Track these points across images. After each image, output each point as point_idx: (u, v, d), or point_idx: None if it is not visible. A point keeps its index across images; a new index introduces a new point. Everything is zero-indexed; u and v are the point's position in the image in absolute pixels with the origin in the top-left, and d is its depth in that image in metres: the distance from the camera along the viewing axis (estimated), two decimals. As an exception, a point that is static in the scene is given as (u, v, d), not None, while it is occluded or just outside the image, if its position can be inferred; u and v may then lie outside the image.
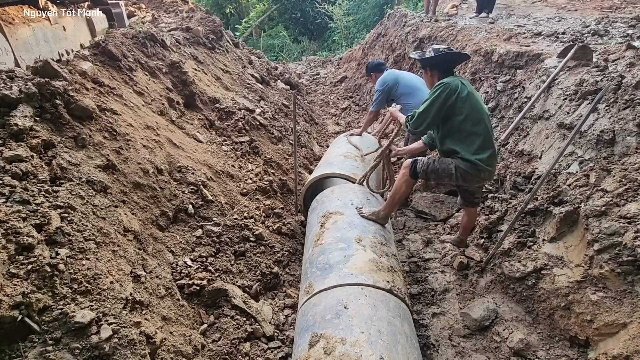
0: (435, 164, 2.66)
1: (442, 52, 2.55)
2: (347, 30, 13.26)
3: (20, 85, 2.20)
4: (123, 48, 3.58)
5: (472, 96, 2.51)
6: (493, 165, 2.60)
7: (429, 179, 2.80)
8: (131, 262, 2.09)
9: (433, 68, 2.64)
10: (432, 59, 2.58)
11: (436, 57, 2.56)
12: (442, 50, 2.56)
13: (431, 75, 2.68)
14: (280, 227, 3.38)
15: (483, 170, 2.54)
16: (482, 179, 2.64)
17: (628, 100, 2.61)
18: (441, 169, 2.64)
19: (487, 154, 2.53)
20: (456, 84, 2.49)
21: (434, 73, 2.65)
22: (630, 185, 2.32)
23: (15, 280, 1.54)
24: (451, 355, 2.50)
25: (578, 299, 2.34)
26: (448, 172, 2.61)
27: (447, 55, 2.56)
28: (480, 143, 2.52)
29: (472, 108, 2.49)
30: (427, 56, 2.59)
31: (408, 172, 2.74)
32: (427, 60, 2.61)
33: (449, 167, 2.61)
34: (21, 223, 1.68)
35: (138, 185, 2.59)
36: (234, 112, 4.41)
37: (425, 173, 2.70)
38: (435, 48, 2.60)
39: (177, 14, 8.31)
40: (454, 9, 8.15)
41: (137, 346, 1.70)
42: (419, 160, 2.74)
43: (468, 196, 2.98)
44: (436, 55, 2.55)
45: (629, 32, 4.35)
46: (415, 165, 2.72)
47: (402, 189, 2.79)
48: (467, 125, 2.51)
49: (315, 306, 2.07)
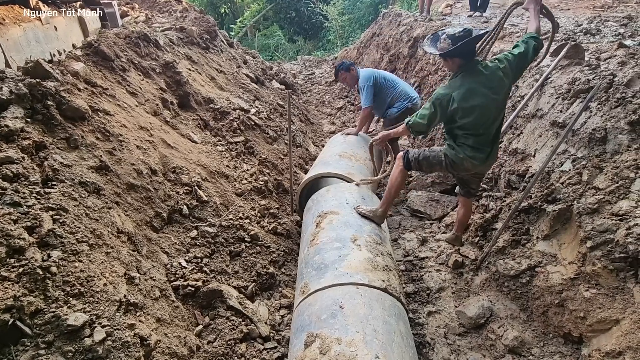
0: (427, 152, 2.74)
1: (461, 39, 2.36)
2: (342, 29, 13.26)
3: (10, 86, 2.18)
4: (116, 48, 3.55)
5: (473, 107, 2.41)
6: (478, 158, 2.56)
7: (421, 167, 2.84)
8: (125, 264, 2.07)
9: (454, 56, 2.45)
10: (451, 51, 2.40)
11: (456, 49, 2.38)
12: (459, 35, 2.37)
13: (452, 63, 2.51)
14: (275, 227, 3.37)
15: (466, 159, 2.57)
16: (467, 169, 2.67)
17: (619, 99, 2.64)
18: (432, 156, 2.71)
19: (472, 145, 2.54)
20: (447, 93, 2.43)
21: (455, 60, 2.49)
22: (622, 183, 2.34)
23: (6, 283, 1.52)
24: (447, 353, 2.51)
25: (571, 296, 2.36)
26: (438, 159, 2.69)
27: (467, 44, 2.37)
28: (477, 140, 2.55)
29: (468, 112, 2.43)
30: (448, 49, 2.40)
31: (402, 162, 2.79)
32: (447, 53, 2.43)
33: (438, 154, 2.68)
34: (12, 225, 1.66)
35: (132, 187, 2.58)
36: (229, 112, 4.39)
37: (417, 162, 2.76)
38: (451, 35, 2.39)
39: (170, 14, 8.27)
40: (448, 8, 8.19)
41: (131, 348, 1.69)
42: (410, 151, 2.80)
43: (464, 185, 3.00)
44: (455, 47, 2.37)
45: (620, 31, 4.39)
46: (408, 155, 2.78)
47: (397, 181, 2.83)
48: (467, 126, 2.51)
49: (311, 306, 2.07)
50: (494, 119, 2.54)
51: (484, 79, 2.42)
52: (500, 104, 2.54)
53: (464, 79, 2.44)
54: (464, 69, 2.47)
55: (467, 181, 2.95)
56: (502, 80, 2.45)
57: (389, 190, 2.83)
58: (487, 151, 2.59)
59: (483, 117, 2.48)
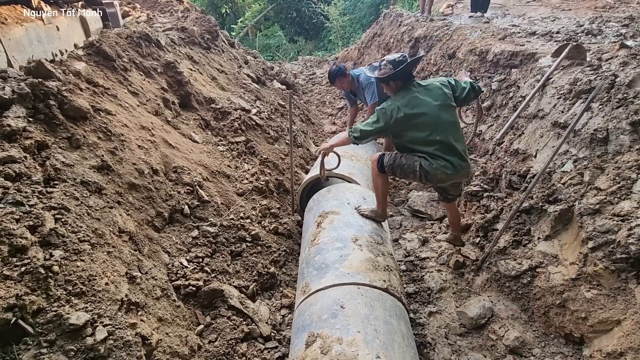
0: (402, 159, 2.69)
1: (402, 64, 2.56)
2: (343, 30, 13.26)
3: (13, 86, 2.18)
4: (117, 48, 3.56)
5: (419, 113, 2.53)
6: (449, 167, 2.56)
7: (394, 174, 2.82)
8: (126, 263, 2.07)
9: (396, 79, 2.64)
10: (394, 75, 2.58)
11: (397, 72, 2.57)
12: (399, 60, 2.57)
13: (394, 85, 2.67)
14: (276, 227, 3.38)
15: (439, 170, 2.55)
16: (441, 179, 2.63)
17: (621, 99, 2.64)
18: (407, 164, 2.67)
19: (445, 158, 2.54)
20: (391, 103, 2.57)
21: (397, 83, 2.65)
22: (624, 184, 2.34)
23: (8, 282, 1.52)
24: (447, 353, 2.51)
25: (573, 296, 2.36)
26: (412, 168, 2.64)
27: (407, 67, 2.58)
28: (438, 147, 2.55)
29: (416, 117, 2.53)
30: (389, 74, 2.59)
31: (376, 166, 2.81)
32: (389, 76, 2.60)
33: (414, 164, 2.63)
34: (14, 224, 1.66)
35: (133, 186, 2.58)
36: (230, 112, 4.40)
37: (391, 167, 2.74)
38: (392, 60, 2.59)
39: (172, 14, 8.27)
40: (449, 8, 8.19)
41: (132, 347, 1.69)
42: (385, 155, 2.79)
43: (441, 192, 3.04)
44: (396, 70, 2.56)
45: (622, 31, 4.39)
46: (382, 159, 2.77)
47: (378, 183, 2.85)
48: (420, 136, 2.57)
49: (312, 306, 2.07)
50: (447, 127, 2.56)
51: (423, 89, 2.62)
52: (448, 114, 2.59)
53: (405, 93, 2.62)
54: (403, 88, 2.64)
55: (444, 189, 2.98)
56: (441, 89, 2.63)
57: (376, 193, 2.88)
58: (453, 161, 2.56)
59: (432, 123, 2.53)
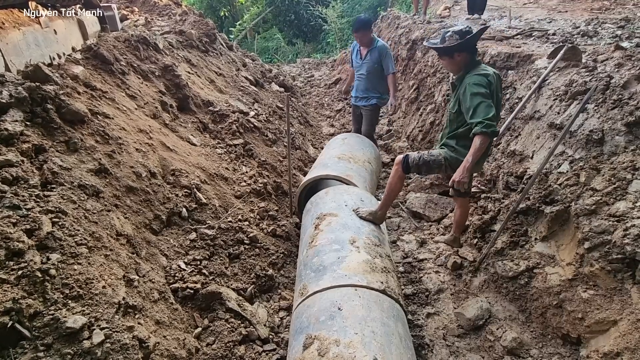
0: (426, 157, 2.79)
1: (469, 34, 2.46)
2: (341, 32, 13.30)
3: (10, 90, 2.19)
4: (115, 51, 3.57)
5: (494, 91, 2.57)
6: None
7: (420, 171, 2.90)
8: (124, 267, 2.07)
9: (462, 51, 2.54)
10: (461, 45, 2.49)
11: (464, 42, 2.47)
12: (465, 30, 2.48)
13: (460, 58, 2.58)
14: (274, 229, 3.38)
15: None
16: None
17: (616, 100, 2.65)
18: (432, 160, 2.78)
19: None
20: (487, 73, 2.51)
21: (462, 55, 2.56)
22: (619, 184, 2.35)
23: (5, 286, 1.52)
24: (445, 355, 2.51)
25: (570, 297, 2.37)
26: (438, 163, 2.76)
27: (474, 37, 2.49)
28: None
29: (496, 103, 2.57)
30: (455, 43, 2.50)
31: (400, 167, 2.83)
32: (456, 46, 2.51)
33: (438, 158, 2.76)
34: (11, 228, 1.67)
35: (131, 189, 2.58)
36: (228, 115, 4.40)
37: (417, 166, 2.81)
38: (457, 31, 2.49)
39: (170, 17, 8.29)
40: (446, 10, 8.22)
41: (130, 351, 1.69)
42: (410, 155, 2.84)
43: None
44: (463, 40, 2.47)
45: (617, 32, 4.42)
46: (407, 160, 2.82)
47: (395, 186, 2.88)
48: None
49: (310, 308, 2.07)
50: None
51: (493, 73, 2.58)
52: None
53: (481, 66, 2.56)
54: (472, 62, 2.59)
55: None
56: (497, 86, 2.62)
57: (389, 194, 2.88)
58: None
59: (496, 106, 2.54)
